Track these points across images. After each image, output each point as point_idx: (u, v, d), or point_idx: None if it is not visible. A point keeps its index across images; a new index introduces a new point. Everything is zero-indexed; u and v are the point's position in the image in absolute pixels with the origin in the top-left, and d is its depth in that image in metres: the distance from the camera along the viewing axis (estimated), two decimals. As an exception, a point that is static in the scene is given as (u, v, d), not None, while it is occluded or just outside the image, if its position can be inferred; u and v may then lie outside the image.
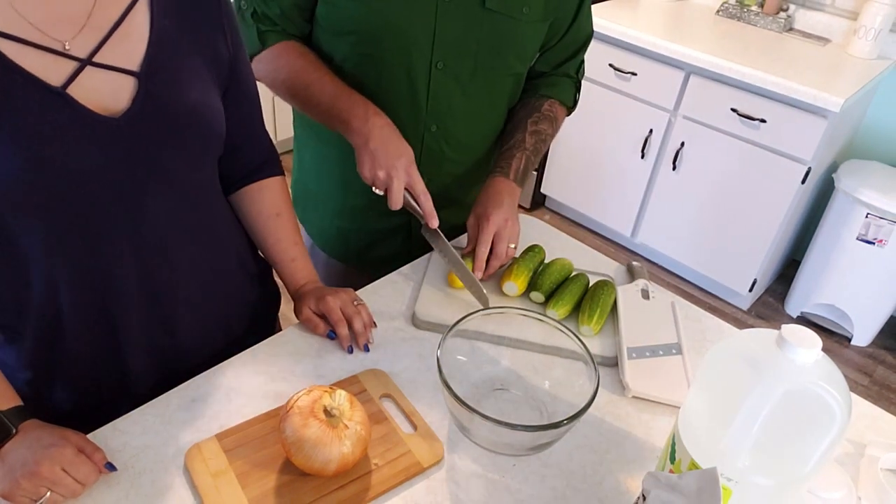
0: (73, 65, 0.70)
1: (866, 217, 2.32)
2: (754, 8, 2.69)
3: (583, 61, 1.27)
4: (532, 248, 1.12)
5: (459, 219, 1.18)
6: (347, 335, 0.95)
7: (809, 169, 2.29)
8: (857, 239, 2.37)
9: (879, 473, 0.82)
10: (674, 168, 2.59)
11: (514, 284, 1.06)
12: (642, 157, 2.66)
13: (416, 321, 1.01)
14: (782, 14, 2.64)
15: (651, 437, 0.88)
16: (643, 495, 0.63)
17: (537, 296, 1.06)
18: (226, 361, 0.91)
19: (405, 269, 1.14)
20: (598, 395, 0.79)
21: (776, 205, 2.40)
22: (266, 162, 1.00)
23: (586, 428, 0.88)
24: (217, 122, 0.83)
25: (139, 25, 0.75)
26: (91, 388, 0.87)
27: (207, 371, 0.89)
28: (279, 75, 1.09)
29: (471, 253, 1.08)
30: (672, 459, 0.72)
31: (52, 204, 0.71)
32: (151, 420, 0.82)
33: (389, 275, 1.12)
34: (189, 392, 0.86)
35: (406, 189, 1.01)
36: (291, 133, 1.35)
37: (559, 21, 1.15)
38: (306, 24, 1.11)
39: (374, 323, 0.98)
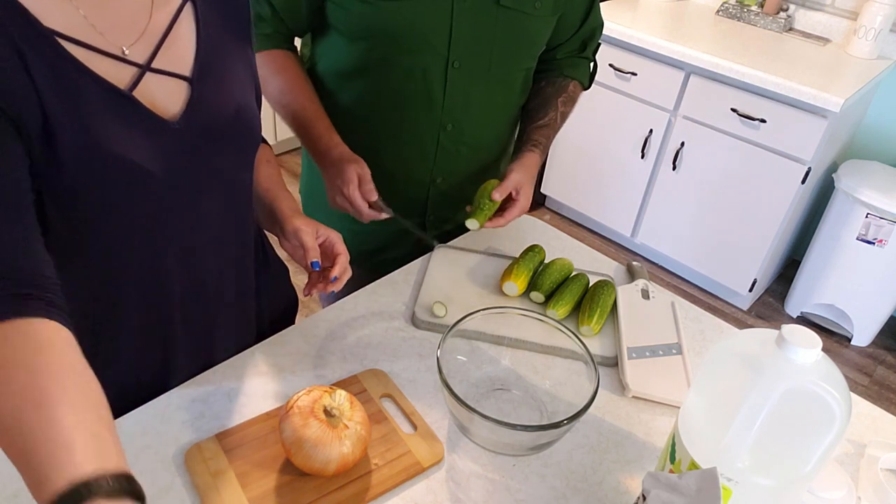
0: (134, 70, 0.72)
1: (866, 217, 2.32)
2: (754, 8, 2.69)
3: (598, 45, 1.30)
4: (532, 248, 1.12)
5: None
6: (314, 275, 0.92)
7: (809, 169, 2.29)
8: (857, 239, 2.37)
9: (879, 473, 0.82)
10: (674, 168, 2.59)
11: (514, 284, 1.06)
12: (642, 157, 2.66)
13: (416, 321, 1.01)
14: (782, 14, 2.64)
15: (651, 437, 0.88)
16: (643, 495, 0.63)
17: (537, 296, 1.06)
18: (226, 361, 0.91)
19: (405, 268, 1.14)
20: (598, 395, 0.79)
21: (776, 205, 2.40)
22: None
23: (586, 428, 0.88)
24: (257, 122, 0.86)
25: (186, 31, 0.77)
26: (131, 384, 0.88)
27: (207, 371, 0.89)
28: (264, 83, 1.09)
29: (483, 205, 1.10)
30: (672, 459, 0.72)
31: (119, 203, 0.73)
32: (151, 420, 0.82)
33: (389, 275, 1.12)
34: (189, 392, 0.86)
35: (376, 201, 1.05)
36: (291, 134, 1.35)
37: (571, 16, 1.18)
38: (301, 24, 1.11)
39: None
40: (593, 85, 1.33)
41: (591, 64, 1.31)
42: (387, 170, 1.12)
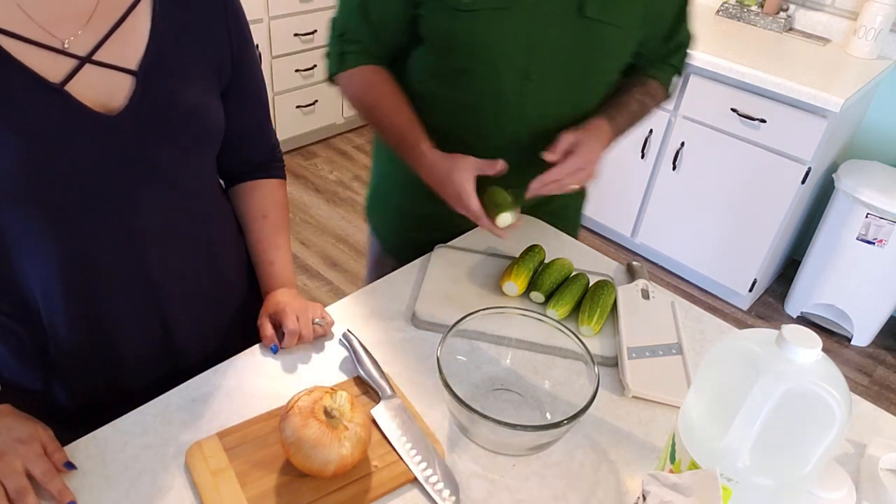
0: (72, 62, 0.71)
1: (866, 217, 2.32)
2: (754, 8, 2.69)
3: (686, 54, 1.25)
4: (532, 248, 1.12)
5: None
6: (282, 341, 0.93)
7: (809, 169, 2.29)
8: (857, 239, 2.37)
9: (879, 473, 0.82)
10: (674, 168, 2.59)
11: (514, 284, 1.06)
12: (642, 157, 2.66)
13: (416, 321, 1.01)
14: (782, 14, 2.64)
15: (651, 437, 0.88)
16: (643, 495, 0.63)
17: (537, 296, 1.06)
18: (226, 361, 0.91)
19: (405, 268, 1.14)
20: (598, 395, 0.79)
21: (776, 205, 2.40)
22: (266, 162, 1.00)
23: (586, 428, 0.88)
24: (213, 120, 0.84)
25: (140, 26, 0.76)
26: (85, 384, 0.87)
27: (207, 371, 0.89)
28: (355, 100, 1.13)
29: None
30: (672, 459, 0.72)
31: (48, 196, 0.72)
32: (151, 420, 0.82)
33: (390, 274, 1.12)
34: (189, 392, 0.86)
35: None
36: (290, 134, 1.36)
37: (660, 26, 1.14)
38: (398, 41, 1.10)
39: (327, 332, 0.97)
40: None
41: (676, 74, 1.25)
42: None
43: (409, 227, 1.29)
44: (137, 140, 0.75)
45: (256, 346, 0.94)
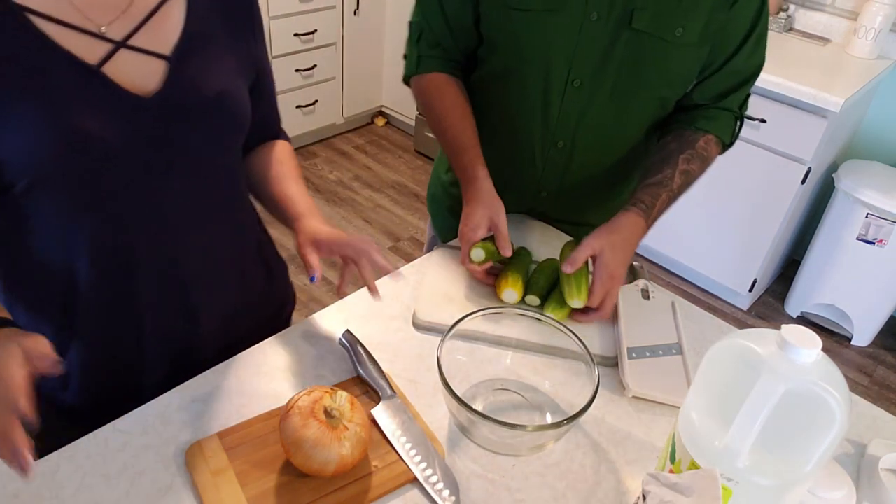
0: (108, 46, 0.74)
1: (866, 217, 2.32)
2: (754, 8, 2.68)
3: (748, 95, 1.13)
4: (518, 252, 1.09)
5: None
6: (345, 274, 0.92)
7: (809, 169, 2.29)
8: (857, 239, 2.37)
9: (880, 473, 0.82)
10: (674, 168, 2.59)
11: (514, 291, 1.03)
12: (642, 157, 2.66)
13: (416, 322, 1.01)
14: (782, 14, 2.64)
15: (651, 437, 0.88)
16: (643, 495, 0.63)
17: (533, 299, 1.04)
18: (226, 361, 0.91)
19: (405, 269, 1.14)
20: (598, 395, 0.79)
21: (776, 205, 2.40)
22: (275, 137, 1.05)
23: (586, 428, 0.88)
24: (241, 110, 0.87)
25: (175, 15, 0.80)
26: (104, 374, 0.88)
27: (207, 371, 0.89)
28: (426, 105, 1.15)
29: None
30: (672, 459, 0.72)
31: (80, 177, 0.74)
32: (151, 420, 0.82)
33: (390, 274, 1.11)
34: (189, 392, 0.86)
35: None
36: (290, 134, 1.37)
37: (720, 47, 1.05)
38: (470, 41, 1.12)
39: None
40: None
41: (736, 119, 1.13)
42: (493, 172, 1.08)
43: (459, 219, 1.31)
44: (168, 123, 0.78)
45: (256, 346, 0.94)
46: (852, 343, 2.60)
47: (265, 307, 1.03)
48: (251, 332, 0.97)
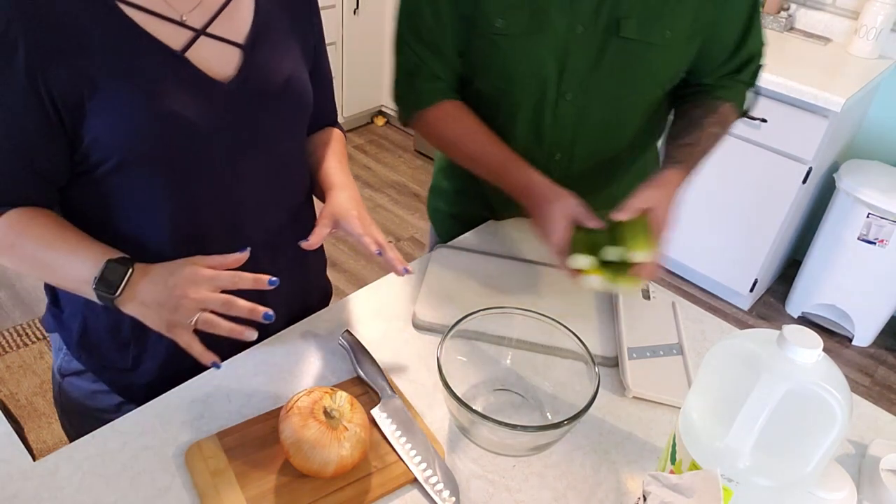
0: (189, 34, 0.79)
1: (867, 217, 2.32)
2: (755, 8, 2.68)
3: (759, 67, 1.16)
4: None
5: None
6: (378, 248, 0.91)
7: (810, 169, 2.28)
8: (858, 239, 2.37)
9: (881, 474, 0.82)
10: (674, 168, 2.59)
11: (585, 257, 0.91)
12: (643, 156, 2.66)
13: (415, 322, 1.01)
14: (783, 13, 2.64)
15: (651, 437, 0.88)
16: (644, 496, 0.63)
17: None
18: (225, 362, 0.91)
19: (405, 269, 1.13)
20: (598, 395, 0.78)
21: (777, 205, 2.40)
22: (331, 124, 1.08)
23: (586, 428, 0.88)
24: (307, 93, 0.92)
25: (246, 4, 0.85)
26: (173, 358, 0.89)
27: (207, 371, 0.89)
28: (440, 135, 1.13)
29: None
30: (673, 460, 0.71)
31: (169, 157, 0.79)
32: (151, 420, 0.82)
33: (390, 274, 1.11)
34: (189, 392, 0.86)
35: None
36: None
37: (721, 40, 1.07)
38: (464, 66, 1.11)
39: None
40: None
41: (749, 90, 1.16)
42: (493, 186, 1.09)
43: (458, 222, 1.31)
44: (245, 108, 0.83)
45: (256, 346, 0.94)
46: (853, 343, 2.60)
47: (312, 296, 1.07)
48: (296, 319, 1.00)
